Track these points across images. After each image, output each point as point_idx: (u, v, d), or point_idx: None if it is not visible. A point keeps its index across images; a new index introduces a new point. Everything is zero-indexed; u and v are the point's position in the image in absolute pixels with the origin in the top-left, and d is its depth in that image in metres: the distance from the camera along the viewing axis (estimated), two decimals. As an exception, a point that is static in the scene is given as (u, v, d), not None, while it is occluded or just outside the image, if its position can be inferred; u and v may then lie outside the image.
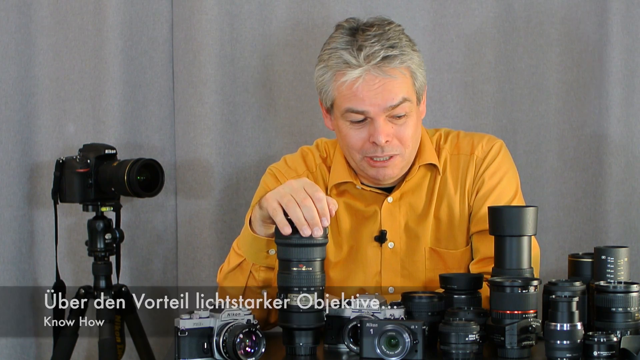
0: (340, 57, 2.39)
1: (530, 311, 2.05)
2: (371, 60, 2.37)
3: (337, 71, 2.40)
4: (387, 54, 2.37)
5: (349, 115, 2.40)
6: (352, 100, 2.38)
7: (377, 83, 2.37)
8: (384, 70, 2.37)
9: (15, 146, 3.15)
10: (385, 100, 2.37)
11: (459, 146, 2.53)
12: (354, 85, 2.37)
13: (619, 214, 3.07)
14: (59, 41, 3.14)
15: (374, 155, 2.41)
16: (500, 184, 2.48)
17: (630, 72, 3.06)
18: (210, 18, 3.09)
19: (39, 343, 3.18)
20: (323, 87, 2.44)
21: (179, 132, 3.15)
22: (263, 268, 2.28)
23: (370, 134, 2.39)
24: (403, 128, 2.41)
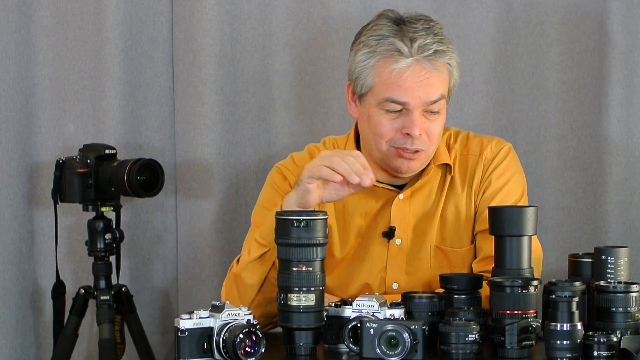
0: (392, 45, 2.38)
1: (530, 311, 2.05)
2: (423, 52, 2.37)
3: (385, 58, 2.38)
4: (438, 48, 2.38)
5: (387, 104, 2.39)
6: (394, 89, 2.38)
7: (424, 75, 2.37)
8: (433, 64, 2.38)
9: (15, 146, 3.15)
10: (427, 94, 2.38)
11: (468, 147, 2.53)
12: (403, 74, 2.37)
13: (619, 214, 3.07)
14: (59, 41, 3.14)
15: (404, 146, 2.40)
16: (507, 185, 2.48)
17: (630, 72, 3.06)
18: (210, 18, 3.10)
19: (39, 343, 3.18)
20: (362, 73, 2.42)
21: (179, 132, 3.15)
22: None
23: (404, 125, 2.39)
24: (434, 125, 2.41)
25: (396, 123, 2.40)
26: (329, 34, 3.12)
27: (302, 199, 2.27)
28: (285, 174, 2.53)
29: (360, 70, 2.43)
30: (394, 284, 2.47)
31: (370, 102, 2.42)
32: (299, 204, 2.27)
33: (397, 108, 2.39)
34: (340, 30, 3.11)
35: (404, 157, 2.41)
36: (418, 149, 2.40)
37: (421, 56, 2.37)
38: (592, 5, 3.07)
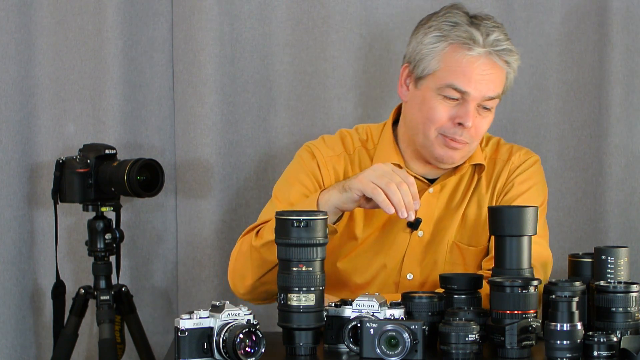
0: (468, 32, 2.38)
1: (530, 311, 2.05)
2: (496, 46, 2.39)
3: (458, 44, 2.39)
4: (509, 47, 2.41)
5: (447, 91, 2.39)
6: (459, 77, 2.38)
7: (490, 70, 2.39)
8: (502, 60, 2.40)
9: (15, 146, 3.15)
10: (488, 89, 2.39)
11: (498, 151, 2.55)
12: (473, 63, 2.38)
13: (619, 214, 3.07)
14: (59, 41, 3.14)
15: (453, 136, 2.40)
16: (527, 192, 2.50)
17: (630, 72, 3.06)
18: (210, 18, 3.10)
19: (39, 343, 3.18)
20: (428, 55, 2.42)
21: (179, 132, 3.15)
22: None
23: (457, 115, 2.39)
24: (483, 121, 2.43)
25: (451, 111, 2.40)
26: (329, 34, 3.12)
27: (343, 205, 2.28)
28: (315, 153, 2.53)
29: (426, 52, 2.42)
30: (409, 274, 2.47)
31: (429, 86, 2.42)
32: (338, 206, 2.28)
33: (455, 96, 2.39)
34: (340, 30, 3.11)
35: (449, 147, 2.42)
36: (465, 141, 2.41)
37: (494, 49, 2.39)
38: (592, 5, 3.07)
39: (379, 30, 3.13)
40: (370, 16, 3.13)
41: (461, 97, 2.39)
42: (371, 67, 3.14)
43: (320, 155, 2.52)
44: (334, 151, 2.54)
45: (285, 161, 3.12)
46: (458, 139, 2.41)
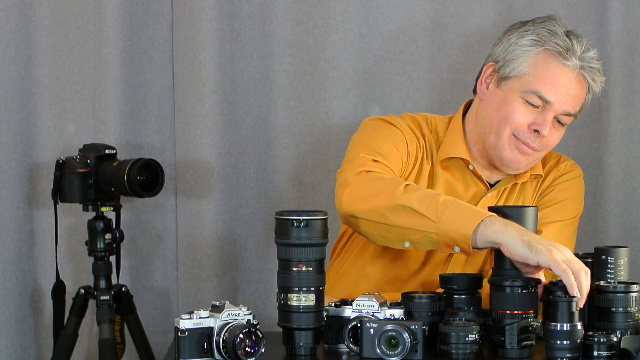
0: (567, 43, 2.40)
1: (530, 311, 2.05)
2: (590, 64, 2.41)
3: (554, 52, 2.40)
4: (599, 68, 2.43)
5: (530, 97, 2.40)
6: (547, 86, 2.39)
7: (577, 86, 2.41)
8: (590, 79, 2.42)
9: (15, 146, 3.15)
10: (571, 104, 2.41)
11: (546, 157, 2.57)
12: (567, 75, 2.39)
13: (619, 214, 3.07)
14: (59, 41, 3.14)
15: (527, 140, 2.41)
16: (565, 201, 2.51)
17: (630, 72, 3.06)
18: (210, 18, 3.09)
19: (39, 343, 3.18)
20: (520, 57, 2.42)
21: (179, 132, 3.15)
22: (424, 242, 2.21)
23: (535, 122, 2.40)
24: (556, 134, 2.45)
25: (529, 116, 2.41)
26: (329, 34, 3.12)
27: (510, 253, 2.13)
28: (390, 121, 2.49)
29: (519, 53, 2.43)
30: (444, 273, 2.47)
31: (513, 88, 2.42)
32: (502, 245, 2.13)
33: (537, 103, 2.40)
34: (340, 30, 3.11)
35: (520, 150, 2.42)
36: (536, 148, 2.43)
37: (587, 65, 2.41)
38: (592, 5, 3.07)
39: (379, 30, 3.13)
40: (370, 16, 3.13)
41: (542, 106, 2.40)
42: (371, 67, 3.14)
43: (399, 123, 2.49)
44: (410, 128, 2.51)
45: (285, 161, 3.13)
46: (531, 145, 2.42)
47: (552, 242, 2.13)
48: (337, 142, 3.09)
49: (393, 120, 2.51)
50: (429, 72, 3.13)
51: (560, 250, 2.10)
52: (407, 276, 2.49)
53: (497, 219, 2.15)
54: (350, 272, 2.54)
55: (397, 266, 2.49)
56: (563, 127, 2.46)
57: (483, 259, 2.48)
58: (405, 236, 2.23)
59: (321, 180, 3.13)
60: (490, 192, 2.50)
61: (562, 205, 2.50)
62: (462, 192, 2.50)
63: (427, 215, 2.19)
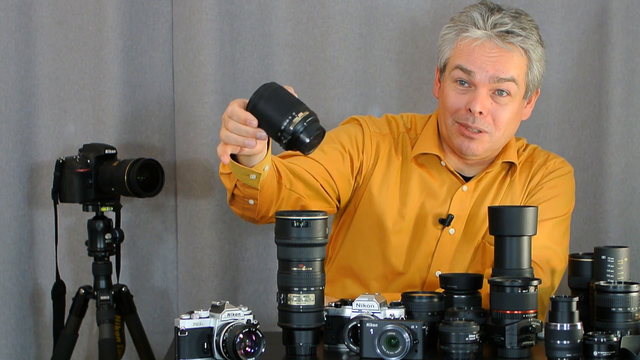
0: (470, 16, 2.42)
1: (530, 311, 2.05)
2: (496, 28, 2.40)
3: (461, 29, 2.43)
4: (513, 30, 2.41)
5: (456, 73, 2.42)
6: (464, 58, 2.41)
7: (495, 52, 2.40)
8: (506, 43, 2.40)
9: (15, 146, 3.15)
10: (495, 70, 2.40)
11: (534, 156, 2.57)
12: (473, 43, 2.40)
13: (619, 214, 3.07)
14: (59, 41, 3.14)
15: (465, 123, 2.42)
16: (554, 199, 2.50)
17: (630, 72, 3.06)
18: (210, 18, 3.10)
19: (39, 343, 3.18)
20: (442, 45, 2.47)
21: (179, 132, 3.15)
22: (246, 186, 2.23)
23: (468, 101, 2.41)
24: (501, 109, 2.43)
25: (463, 98, 2.42)
26: (329, 34, 3.12)
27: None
28: (362, 124, 2.55)
29: (441, 42, 2.48)
30: (438, 271, 2.47)
31: (446, 76, 2.46)
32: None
33: (464, 77, 2.41)
34: (340, 30, 3.11)
35: (464, 135, 2.43)
36: (480, 128, 2.41)
37: (494, 32, 2.40)
38: (592, 5, 3.07)
39: (379, 30, 3.13)
40: (370, 16, 3.13)
41: (471, 82, 2.41)
42: (371, 67, 3.14)
43: (367, 127, 2.54)
44: (381, 130, 2.55)
45: (285, 161, 3.13)
46: (470, 125, 2.41)
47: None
48: (337, 142, 3.09)
49: (362, 120, 2.56)
50: (428, 72, 3.12)
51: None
52: (392, 275, 2.50)
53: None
54: (338, 270, 2.55)
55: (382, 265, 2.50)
56: (509, 99, 2.42)
57: (470, 258, 2.48)
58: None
59: (321, 180, 3.13)
60: (466, 185, 2.51)
61: (552, 203, 2.49)
62: (437, 187, 2.51)
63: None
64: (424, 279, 2.49)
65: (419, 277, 2.49)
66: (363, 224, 2.52)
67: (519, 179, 2.53)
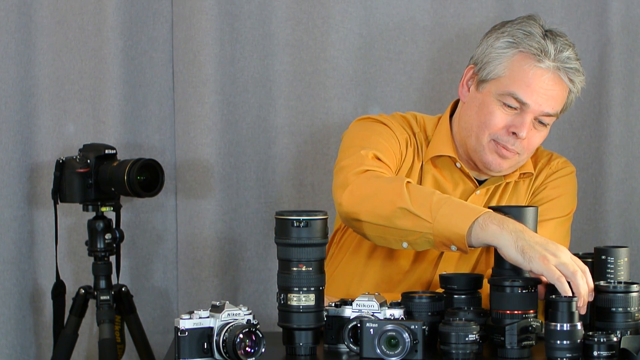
0: (540, 44, 2.37)
1: (530, 311, 2.05)
2: (566, 64, 2.37)
3: (528, 54, 2.38)
4: (578, 67, 2.40)
5: (507, 99, 2.38)
6: (523, 88, 2.37)
7: (554, 86, 2.38)
8: (569, 78, 2.38)
9: (15, 146, 3.15)
10: (549, 105, 2.38)
11: (537, 155, 2.56)
12: (541, 76, 2.36)
13: (619, 214, 3.07)
14: (59, 41, 3.14)
15: (505, 144, 2.40)
16: (558, 198, 2.50)
17: (630, 72, 3.06)
18: (210, 18, 3.10)
19: (39, 343, 3.18)
20: (496, 59, 2.41)
21: (179, 132, 3.15)
22: (421, 242, 2.20)
23: (513, 124, 2.39)
24: (537, 135, 2.42)
25: (507, 119, 2.40)
26: (329, 34, 3.12)
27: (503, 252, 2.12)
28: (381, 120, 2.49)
29: (495, 56, 2.41)
30: (443, 272, 2.46)
31: (490, 91, 2.41)
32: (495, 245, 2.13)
33: (514, 105, 2.38)
34: (340, 30, 3.11)
35: (499, 154, 2.41)
36: (516, 151, 2.41)
37: (563, 66, 2.37)
38: (592, 5, 3.07)
39: (379, 30, 3.13)
40: (370, 16, 3.13)
41: (520, 108, 2.39)
42: (371, 67, 3.14)
43: (389, 122, 2.49)
44: (405, 130, 2.51)
45: (285, 161, 3.13)
46: (510, 147, 2.41)
47: (547, 244, 2.10)
48: (337, 142, 3.07)
49: (384, 119, 2.51)
50: (429, 72, 3.13)
51: (555, 255, 2.08)
52: (400, 275, 2.49)
53: (492, 217, 2.13)
54: (344, 272, 2.54)
55: (388, 265, 2.49)
56: (545, 127, 2.44)
57: (476, 258, 2.48)
58: (403, 237, 2.23)
59: (321, 180, 3.13)
60: (479, 189, 2.50)
61: (555, 203, 2.49)
62: (450, 190, 2.50)
63: (421, 216, 2.19)
64: (429, 280, 2.48)
65: (425, 278, 2.48)
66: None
67: (524, 180, 2.54)
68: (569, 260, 2.09)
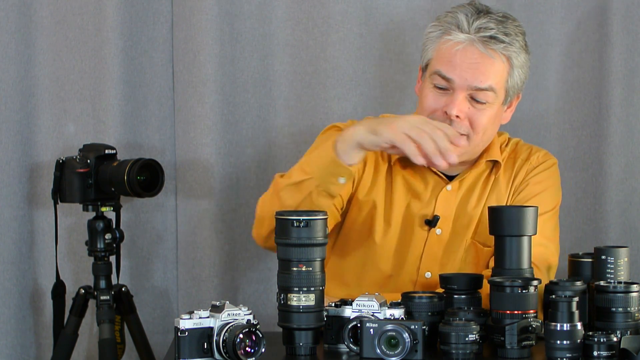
0: (455, 18, 2.38)
1: (530, 311, 2.05)
2: (480, 33, 2.36)
3: (445, 30, 2.39)
4: (497, 35, 2.37)
5: (435, 78, 2.39)
6: (444, 63, 2.38)
7: (475, 57, 2.36)
8: (486, 48, 2.36)
9: (15, 146, 3.15)
10: (474, 77, 2.36)
11: (517, 151, 2.55)
12: (455, 47, 2.37)
13: (619, 214, 3.07)
14: (59, 41, 3.14)
15: None
16: (542, 194, 2.49)
17: (630, 72, 3.06)
18: (210, 18, 3.10)
19: (39, 343, 3.18)
20: (426, 44, 2.43)
21: (179, 132, 3.15)
22: (324, 193, 2.26)
23: (446, 104, 2.38)
24: (479, 114, 2.40)
25: (440, 100, 2.40)
26: (329, 34, 3.12)
27: (368, 145, 2.22)
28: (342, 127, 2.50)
29: (426, 41, 2.44)
30: (428, 272, 2.47)
31: (426, 77, 2.44)
32: (362, 143, 2.22)
33: (443, 84, 2.38)
34: (340, 30, 3.11)
35: None
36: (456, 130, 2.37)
37: (477, 36, 2.36)
38: (592, 5, 3.07)
39: (379, 30, 3.13)
40: (370, 16, 3.13)
41: (449, 86, 2.38)
42: (371, 67, 3.14)
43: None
44: None
45: (285, 161, 3.13)
46: None
47: (398, 117, 2.17)
48: (337, 142, 3.09)
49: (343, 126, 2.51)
50: (429, 72, 3.12)
51: (406, 120, 2.15)
52: (381, 279, 2.49)
53: (346, 130, 2.22)
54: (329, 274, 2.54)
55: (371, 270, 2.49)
56: (487, 106, 2.39)
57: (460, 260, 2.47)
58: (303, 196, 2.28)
59: (321, 180, 3.13)
60: (450, 184, 2.49)
61: (540, 199, 2.47)
62: (421, 189, 2.49)
63: (303, 178, 2.27)
64: (414, 281, 2.48)
65: (409, 279, 2.48)
66: (351, 231, 2.51)
67: (504, 176, 2.51)
68: (419, 122, 2.13)
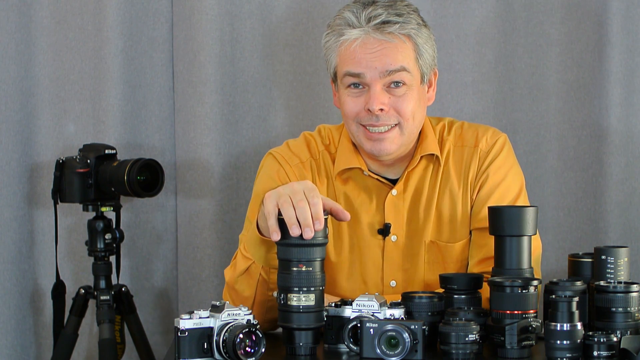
0: (343, 18, 2.36)
1: (530, 311, 2.05)
2: (371, 21, 2.33)
3: (339, 33, 2.37)
4: (389, 19, 2.34)
5: (347, 80, 2.36)
6: (349, 62, 2.35)
7: (376, 46, 2.34)
8: (383, 33, 2.33)
9: (15, 146, 3.15)
10: (382, 63, 2.33)
11: (462, 137, 2.48)
12: (352, 45, 2.34)
13: (619, 214, 3.07)
14: (59, 41, 3.14)
15: (369, 124, 2.36)
16: (505, 180, 2.44)
17: (630, 72, 3.06)
18: (210, 18, 3.10)
19: (39, 343, 3.18)
20: (328, 54, 2.41)
21: (179, 132, 3.15)
22: (272, 270, 2.21)
23: (366, 102, 2.35)
24: (402, 100, 2.36)
25: (359, 100, 2.37)
26: (329, 34, 3.12)
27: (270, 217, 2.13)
28: (280, 162, 2.48)
29: (325, 52, 2.43)
30: (392, 281, 2.46)
31: (339, 85, 2.41)
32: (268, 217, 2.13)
33: (355, 81, 2.36)
34: (340, 30, 3.11)
35: (371, 138, 2.37)
36: (388, 123, 2.35)
37: (369, 26, 2.34)
38: (592, 5, 3.07)
39: (379, 30, 3.13)
40: (370, 16, 3.13)
41: (363, 83, 2.36)
42: (371, 67, 3.14)
43: (286, 163, 2.48)
44: (300, 158, 2.49)
45: (285, 161, 3.13)
46: (375, 125, 2.35)
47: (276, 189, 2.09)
48: (337, 142, 3.09)
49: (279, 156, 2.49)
50: (428, 72, 3.12)
51: (283, 187, 2.08)
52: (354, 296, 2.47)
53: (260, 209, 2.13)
54: None
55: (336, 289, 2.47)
56: (406, 88, 2.36)
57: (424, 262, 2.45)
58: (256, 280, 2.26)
59: (321, 180, 3.13)
60: (395, 188, 2.45)
61: (504, 187, 2.43)
62: (366, 199, 2.46)
63: (248, 265, 2.25)
64: (380, 292, 2.44)
65: (376, 290, 2.44)
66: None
67: (453, 167, 2.46)
68: (289, 191, 2.07)
